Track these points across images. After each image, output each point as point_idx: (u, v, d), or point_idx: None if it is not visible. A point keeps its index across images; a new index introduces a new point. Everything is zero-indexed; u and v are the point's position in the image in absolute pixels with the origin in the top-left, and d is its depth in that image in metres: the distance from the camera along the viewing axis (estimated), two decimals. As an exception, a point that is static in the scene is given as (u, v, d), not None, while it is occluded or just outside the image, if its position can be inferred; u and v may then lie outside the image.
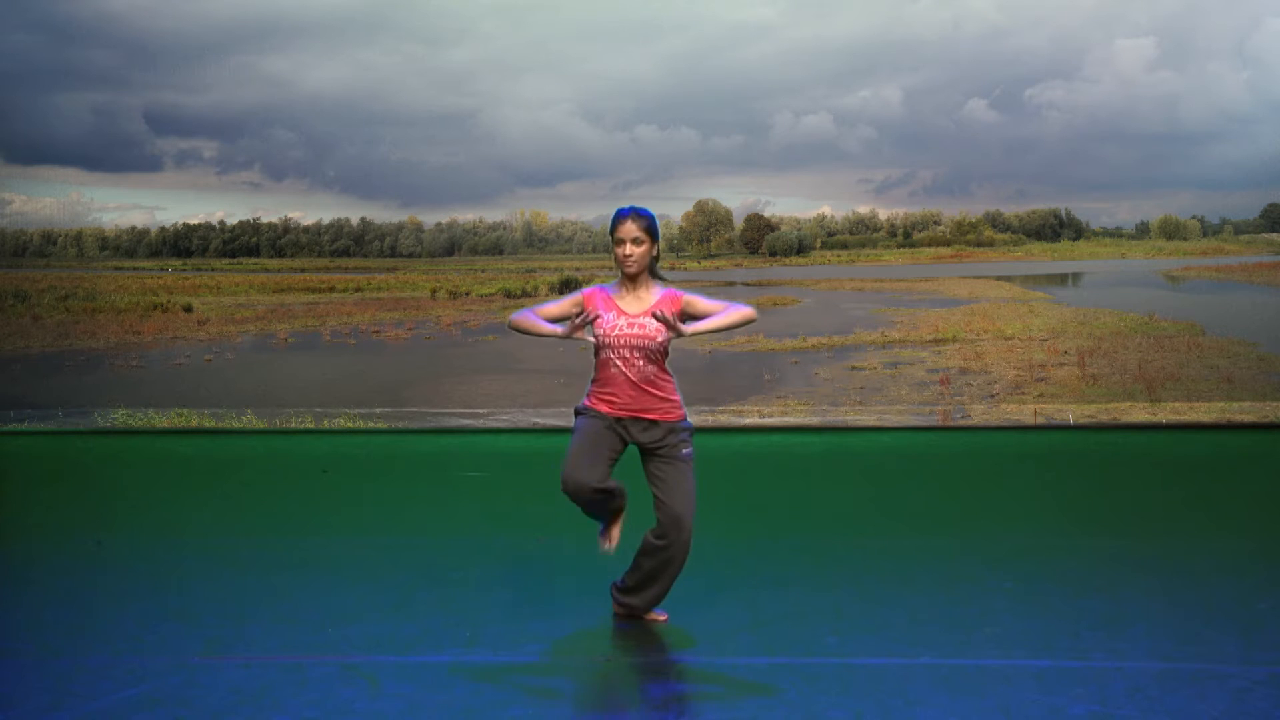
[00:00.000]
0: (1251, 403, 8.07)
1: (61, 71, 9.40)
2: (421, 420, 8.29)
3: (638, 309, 3.53)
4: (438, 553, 4.65)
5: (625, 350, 3.50)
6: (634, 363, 3.50)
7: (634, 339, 3.49)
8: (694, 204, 10.23)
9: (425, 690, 3.16)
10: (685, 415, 3.60)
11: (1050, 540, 4.80)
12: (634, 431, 3.53)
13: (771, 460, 7.04)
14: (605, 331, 3.51)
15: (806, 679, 3.19)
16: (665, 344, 3.53)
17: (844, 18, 9.37)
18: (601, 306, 3.54)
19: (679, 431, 3.55)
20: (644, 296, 3.56)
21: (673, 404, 3.56)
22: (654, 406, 3.52)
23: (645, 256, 3.52)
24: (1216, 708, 2.96)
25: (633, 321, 3.51)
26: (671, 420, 3.54)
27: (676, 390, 3.58)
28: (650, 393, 3.52)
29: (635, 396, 3.51)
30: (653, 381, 3.52)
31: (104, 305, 9.56)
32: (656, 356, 3.53)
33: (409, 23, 9.37)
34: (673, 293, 3.57)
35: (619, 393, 3.51)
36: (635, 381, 3.50)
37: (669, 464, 3.53)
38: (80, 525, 5.28)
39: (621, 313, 3.52)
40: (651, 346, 3.50)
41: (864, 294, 9.87)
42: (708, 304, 3.55)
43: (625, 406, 3.51)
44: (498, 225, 10.42)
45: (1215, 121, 9.20)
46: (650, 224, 3.54)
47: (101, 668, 3.33)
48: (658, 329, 3.48)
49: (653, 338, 3.49)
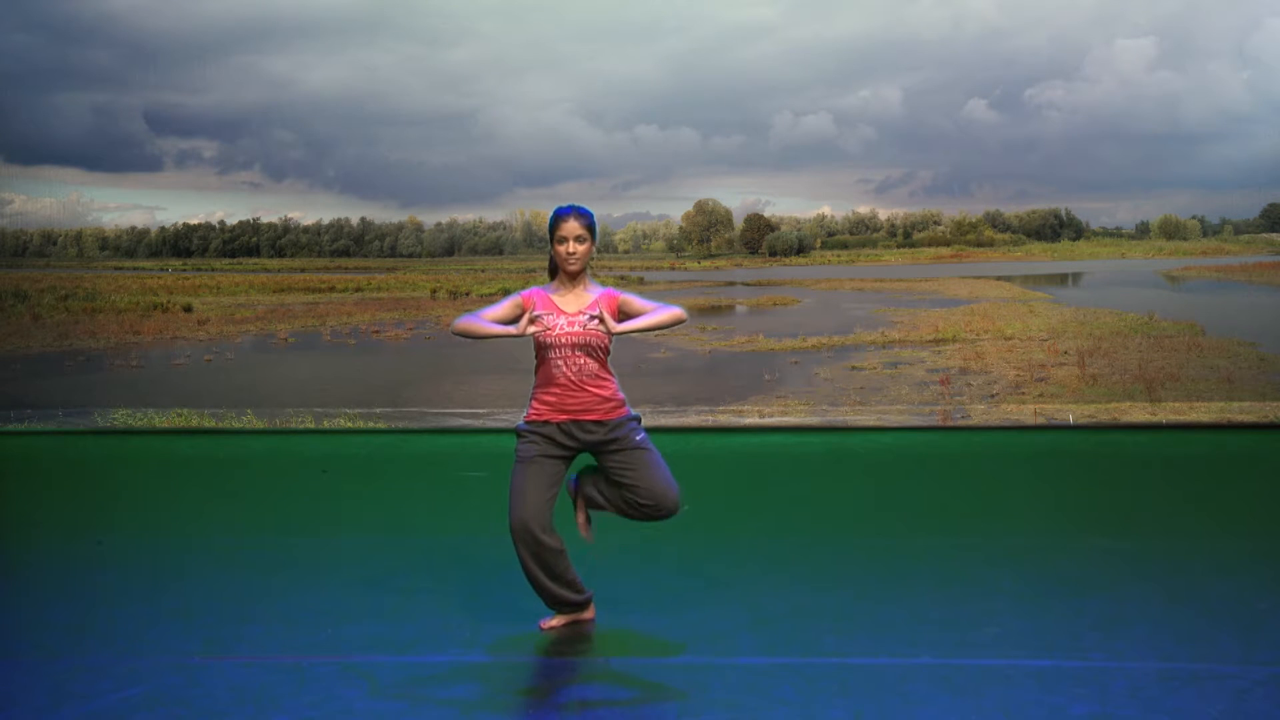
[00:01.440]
0: (1251, 403, 8.07)
1: (61, 71, 9.40)
2: (421, 420, 8.29)
3: (577, 307, 3.54)
4: (437, 553, 4.65)
5: (567, 349, 3.49)
6: (575, 361, 3.50)
7: (575, 337, 3.49)
8: (694, 204, 10.23)
9: (425, 690, 3.16)
10: (629, 410, 3.58)
11: (1050, 540, 4.80)
12: (578, 435, 3.51)
13: (771, 460, 7.03)
14: (545, 331, 3.50)
15: (806, 679, 3.19)
16: (607, 343, 3.53)
17: (844, 18, 9.37)
18: (541, 307, 3.54)
19: (625, 424, 3.54)
20: (582, 295, 3.56)
21: (615, 402, 3.54)
22: (595, 406, 3.51)
23: (587, 255, 3.53)
24: (1216, 708, 2.96)
25: (572, 320, 3.51)
26: (615, 419, 3.53)
27: (619, 389, 3.57)
28: (592, 391, 3.50)
29: (577, 396, 3.50)
30: (594, 380, 3.51)
31: (104, 305, 9.56)
32: (598, 354, 3.52)
33: (409, 23, 9.37)
34: (610, 292, 3.58)
35: (561, 393, 3.50)
36: (577, 381, 3.50)
37: (625, 454, 3.52)
38: (80, 525, 5.28)
39: (561, 312, 3.53)
40: (593, 344, 3.50)
41: (864, 294, 9.87)
42: (643, 304, 3.56)
43: (567, 408, 3.50)
44: (498, 225, 10.42)
45: (1215, 121, 9.20)
46: (591, 222, 3.55)
47: (101, 668, 3.33)
48: (596, 325, 3.49)
49: (594, 334, 3.49)
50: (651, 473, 3.52)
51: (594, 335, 3.50)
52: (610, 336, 3.51)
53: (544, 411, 3.53)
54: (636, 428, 3.57)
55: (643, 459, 3.53)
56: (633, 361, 8.87)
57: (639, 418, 3.60)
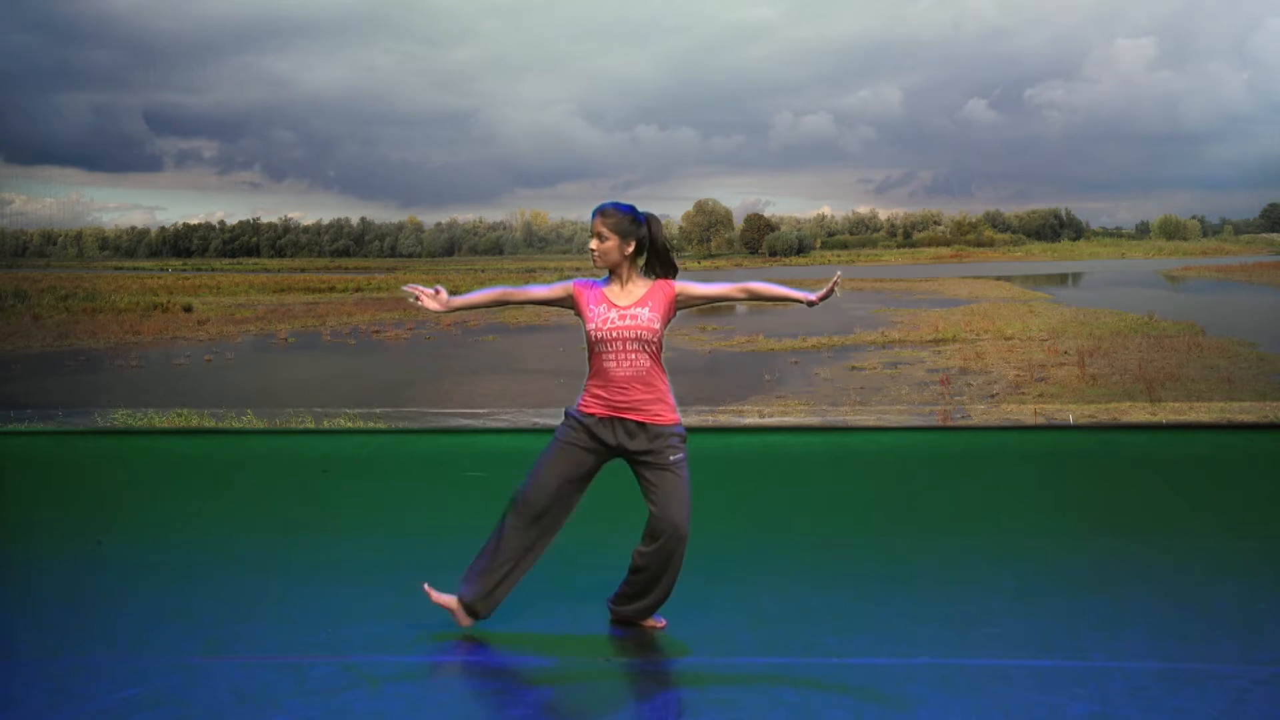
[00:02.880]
0: (1251, 403, 8.07)
1: (61, 71, 9.40)
2: (421, 420, 8.29)
3: (628, 301, 3.51)
4: (438, 553, 4.64)
5: (618, 343, 3.46)
6: (628, 355, 3.46)
7: (626, 330, 3.46)
8: (694, 204, 10.23)
9: (425, 690, 3.16)
10: (678, 421, 3.53)
11: (1050, 540, 4.80)
12: (620, 436, 3.48)
13: (771, 460, 7.03)
14: (597, 325, 3.48)
15: (806, 679, 3.19)
16: (659, 337, 3.50)
17: (844, 18, 9.37)
18: (592, 300, 3.52)
19: (667, 436, 3.48)
20: (633, 290, 3.53)
21: (665, 405, 3.50)
22: (644, 405, 3.47)
23: (612, 252, 3.50)
24: (1216, 708, 2.96)
25: (624, 314, 3.48)
26: (660, 424, 3.48)
27: (670, 392, 3.53)
28: (642, 389, 3.47)
29: (626, 392, 3.46)
30: (645, 378, 3.47)
31: (104, 305, 9.55)
32: (651, 349, 3.49)
33: (409, 23, 9.37)
34: (663, 282, 3.55)
35: (610, 387, 3.47)
36: (628, 376, 3.46)
37: (658, 472, 3.47)
38: (80, 525, 5.28)
39: (613, 305, 3.50)
40: (645, 338, 3.47)
41: (864, 294, 9.87)
42: (704, 288, 3.56)
43: (615, 404, 3.47)
44: (498, 225, 10.41)
45: (1215, 121, 9.20)
46: (618, 222, 3.50)
47: (101, 668, 3.33)
48: (650, 319, 3.47)
49: (646, 328, 3.47)
50: (674, 501, 3.45)
51: (645, 329, 3.46)
52: (662, 331, 3.48)
53: (591, 405, 3.51)
54: (678, 445, 3.50)
55: (672, 482, 3.46)
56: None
57: (684, 435, 3.53)
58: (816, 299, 3.57)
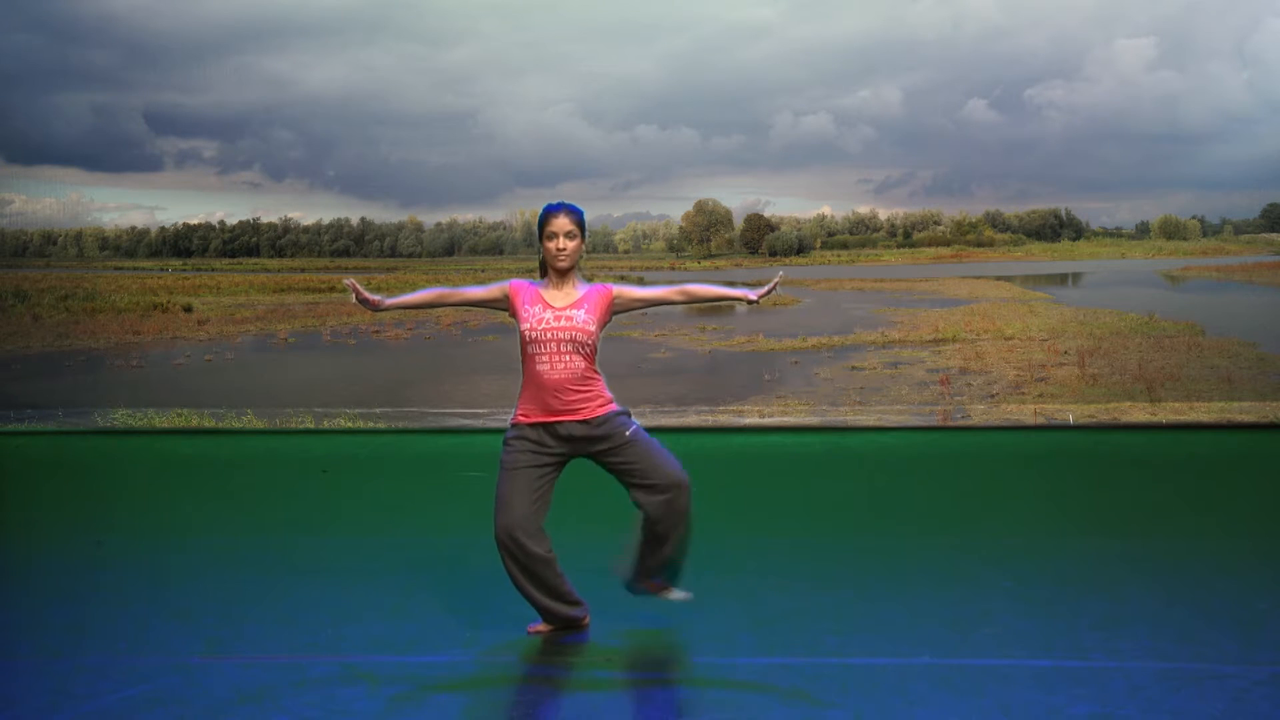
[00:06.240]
0: (1251, 403, 8.07)
1: (61, 71, 9.40)
2: (421, 420, 8.29)
3: (565, 302, 3.49)
4: (438, 553, 4.65)
5: (552, 344, 3.43)
6: (561, 357, 3.43)
7: (561, 331, 3.44)
8: (694, 204, 10.23)
9: (425, 690, 3.16)
10: (615, 406, 3.50)
11: (1050, 540, 4.80)
12: (566, 437, 3.44)
13: (771, 460, 7.03)
14: (531, 325, 3.45)
15: (806, 679, 3.19)
16: (594, 340, 3.47)
17: (844, 18, 9.37)
18: (527, 299, 3.50)
19: (611, 420, 3.46)
20: (570, 291, 3.51)
21: (601, 399, 3.47)
22: (579, 405, 3.44)
23: (577, 251, 3.50)
24: (1216, 708, 2.96)
25: (559, 314, 3.46)
26: (601, 415, 3.45)
27: (605, 388, 3.50)
28: (577, 390, 3.44)
29: (560, 395, 3.43)
30: (580, 378, 3.44)
31: (104, 305, 9.56)
32: (586, 351, 3.46)
33: (409, 23, 9.38)
34: (601, 286, 3.54)
35: (545, 393, 3.44)
36: (561, 379, 3.42)
37: (622, 449, 3.44)
38: (80, 525, 5.28)
39: (548, 305, 3.48)
40: (580, 339, 3.44)
41: (864, 294, 9.87)
42: (642, 292, 3.57)
43: (552, 408, 3.44)
44: (498, 225, 10.42)
45: (1215, 121, 9.20)
46: (581, 219, 3.52)
47: (101, 668, 3.33)
48: (586, 321, 3.45)
49: (582, 329, 3.44)
50: (655, 458, 3.45)
51: (580, 330, 3.44)
52: (597, 334, 3.46)
53: (531, 413, 3.47)
54: (627, 421, 3.49)
55: (641, 449, 3.45)
56: (632, 361, 8.87)
57: (627, 411, 3.52)
58: (757, 297, 3.59)
